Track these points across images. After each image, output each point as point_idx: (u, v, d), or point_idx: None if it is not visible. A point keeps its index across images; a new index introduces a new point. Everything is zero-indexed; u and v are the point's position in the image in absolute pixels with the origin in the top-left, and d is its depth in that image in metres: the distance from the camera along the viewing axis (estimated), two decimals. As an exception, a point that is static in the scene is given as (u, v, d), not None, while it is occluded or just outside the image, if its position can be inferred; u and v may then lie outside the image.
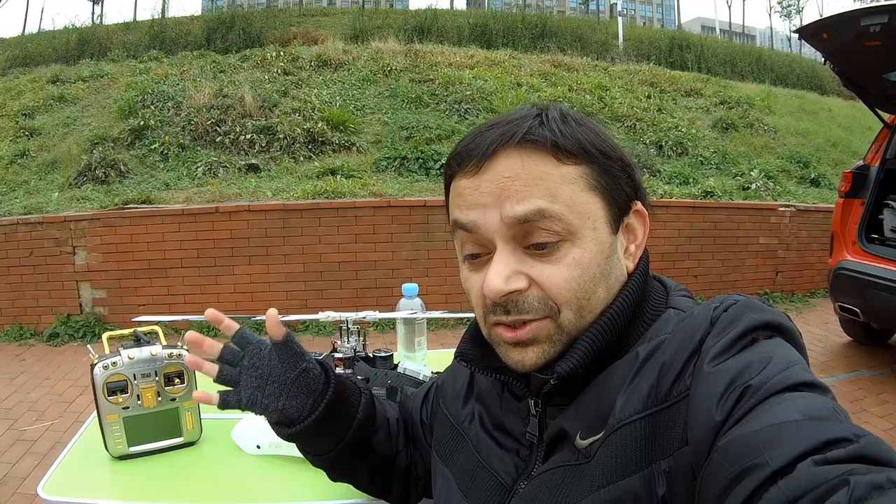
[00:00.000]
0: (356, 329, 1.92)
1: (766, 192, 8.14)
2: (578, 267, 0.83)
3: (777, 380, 0.68)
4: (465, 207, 0.86)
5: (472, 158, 0.85)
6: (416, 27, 14.22)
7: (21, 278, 6.24)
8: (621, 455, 0.75)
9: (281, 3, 25.74)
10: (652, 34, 17.59)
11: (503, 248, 0.84)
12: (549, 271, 0.83)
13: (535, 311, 0.83)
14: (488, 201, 0.83)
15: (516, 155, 0.83)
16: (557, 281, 0.82)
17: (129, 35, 13.93)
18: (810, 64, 17.08)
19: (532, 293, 0.83)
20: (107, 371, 1.62)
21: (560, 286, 0.82)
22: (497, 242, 0.84)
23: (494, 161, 0.83)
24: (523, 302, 0.83)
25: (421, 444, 1.24)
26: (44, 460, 3.88)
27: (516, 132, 0.83)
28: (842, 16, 4.62)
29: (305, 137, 8.29)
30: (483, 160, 0.84)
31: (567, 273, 0.82)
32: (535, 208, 0.81)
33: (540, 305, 0.83)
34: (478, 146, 0.85)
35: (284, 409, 1.06)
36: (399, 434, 1.24)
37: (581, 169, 0.85)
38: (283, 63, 10.75)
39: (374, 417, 1.18)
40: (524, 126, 0.84)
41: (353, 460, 1.17)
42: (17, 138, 8.72)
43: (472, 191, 0.85)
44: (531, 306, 0.83)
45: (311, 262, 6.32)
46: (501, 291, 0.82)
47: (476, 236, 0.86)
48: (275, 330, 1.03)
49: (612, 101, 10.55)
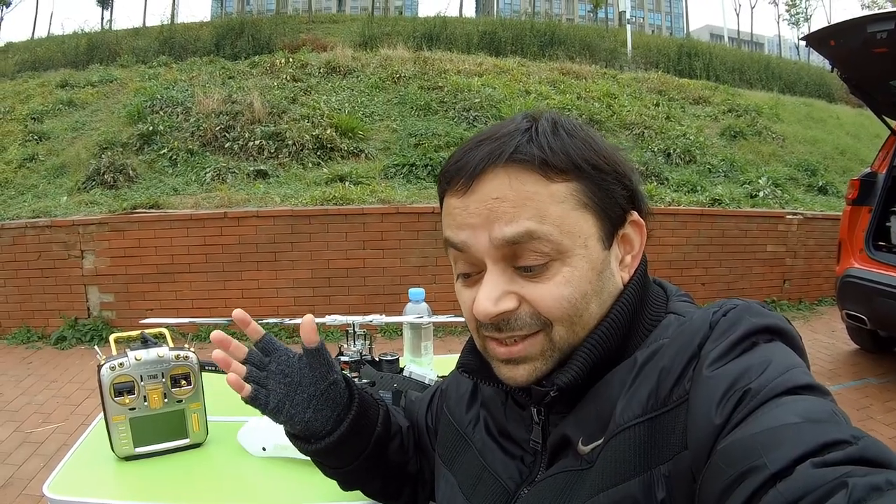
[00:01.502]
0: (363, 333, 1.93)
1: (774, 200, 8.11)
2: (569, 285, 0.82)
3: (776, 383, 0.68)
4: (456, 227, 0.86)
5: (460, 177, 0.84)
6: (425, 34, 14.26)
7: (29, 282, 6.27)
8: (621, 459, 0.75)
9: (290, 10, 25.84)
10: (660, 42, 17.61)
11: (493, 269, 0.83)
12: (539, 291, 0.82)
13: (528, 326, 0.84)
14: (477, 222, 0.83)
15: (504, 175, 0.81)
16: (548, 300, 0.82)
17: (138, 40, 14.02)
18: (818, 72, 17.05)
19: (523, 310, 0.83)
20: (114, 372, 1.63)
21: (550, 305, 0.82)
22: (487, 263, 0.84)
23: (483, 181, 0.82)
24: (515, 320, 0.84)
25: (426, 449, 1.24)
26: (50, 462, 3.88)
27: (503, 151, 0.82)
28: (849, 23, 4.61)
29: (314, 144, 8.31)
30: (471, 180, 0.83)
31: (557, 291, 0.82)
32: (524, 230, 0.80)
33: (532, 321, 0.83)
34: (466, 164, 0.84)
35: (310, 422, 1.05)
36: (410, 441, 1.24)
37: (572, 186, 0.83)
38: (293, 69, 10.79)
39: (391, 429, 1.19)
40: (512, 144, 0.82)
41: (370, 471, 1.17)
42: (26, 142, 8.76)
43: (462, 211, 0.84)
44: (523, 322, 0.83)
45: (319, 268, 6.32)
46: (490, 314, 0.82)
47: (467, 255, 0.86)
48: (311, 336, 1.04)
49: (621, 109, 10.55)
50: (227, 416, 1.90)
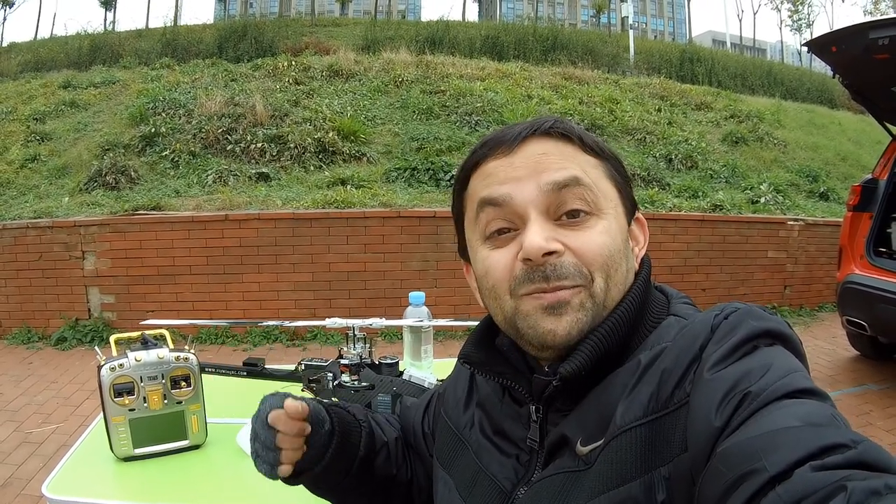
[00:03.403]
0: (362, 336, 1.93)
1: (776, 205, 8.12)
2: (608, 235, 0.86)
3: (776, 387, 0.68)
4: (497, 183, 0.89)
5: (503, 143, 0.90)
6: (428, 38, 14.30)
7: (30, 282, 6.28)
8: (621, 461, 0.75)
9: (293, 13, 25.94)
10: (663, 47, 17.65)
11: (537, 217, 0.86)
12: (582, 238, 0.85)
13: (572, 277, 0.84)
14: (523, 174, 0.87)
15: (547, 139, 0.89)
16: (591, 246, 0.85)
17: (141, 42, 14.06)
18: (820, 78, 17.09)
19: (567, 259, 0.84)
20: (114, 373, 1.63)
21: (593, 250, 0.84)
22: (531, 213, 0.86)
23: (526, 144, 0.89)
24: (561, 266, 0.84)
25: (423, 454, 1.23)
26: (49, 462, 3.88)
27: (544, 124, 0.89)
28: (851, 29, 4.62)
29: (316, 147, 8.33)
30: (515, 143, 0.89)
31: (599, 238, 0.85)
32: (573, 175, 0.86)
33: (576, 272, 0.84)
34: (507, 135, 0.90)
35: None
36: (398, 452, 1.23)
37: (599, 161, 0.91)
38: (295, 72, 10.83)
39: (375, 446, 1.17)
40: (549, 121, 0.90)
41: (357, 489, 1.16)
42: (29, 143, 8.79)
43: (506, 167, 0.89)
44: (568, 272, 0.84)
45: (319, 272, 6.33)
46: (543, 249, 0.83)
47: (506, 210, 0.88)
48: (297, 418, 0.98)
49: (623, 114, 10.58)
50: (227, 417, 1.90)
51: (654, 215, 6.95)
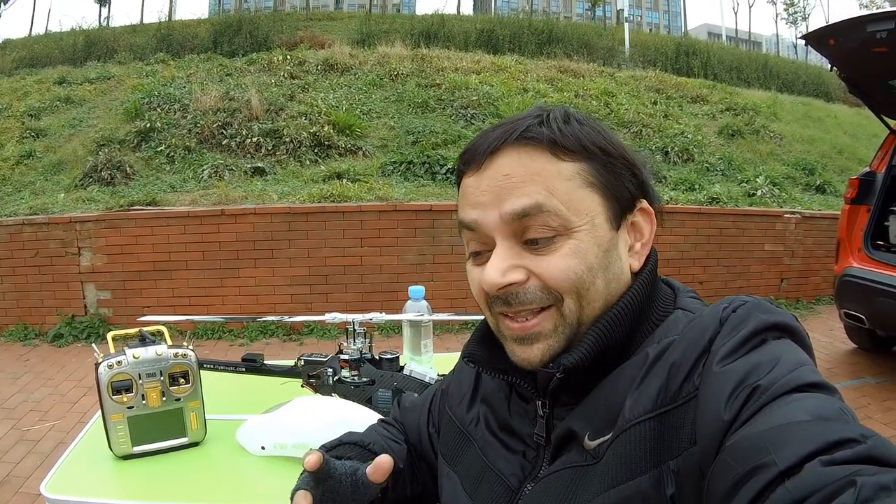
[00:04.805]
0: (362, 331, 1.93)
1: (772, 198, 8.12)
2: (574, 256, 0.83)
3: (785, 381, 0.68)
4: (469, 206, 0.89)
5: (475, 157, 0.88)
6: (423, 32, 14.25)
7: (26, 279, 6.26)
8: (630, 455, 0.75)
9: (288, 7, 25.80)
10: (658, 40, 17.62)
11: (502, 244, 0.85)
12: (545, 262, 0.84)
13: (538, 300, 0.84)
14: (487, 200, 0.86)
15: (514, 153, 0.85)
16: (554, 271, 0.83)
17: (135, 37, 13.98)
18: (816, 71, 17.09)
19: (532, 284, 0.85)
20: (111, 370, 1.63)
21: (557, 276, 0.83)
22: (496, 239, 0.86)
23: (495, 159, 0.86)
24: (524, 293, 0.85)
25: (429, 456, 1.22)
26: (46, 460, 3.88)
27: (515, 130, 0.86)
28: (848, 22, 4.62)
29: (311, 141, 8.31)
30: (484, 158, 0.87)
31: (563, 263, 0.83)
32: (532, 203, 0.83)
33: (542, 295, 0.84)
34: (481, 145, 0.88)
35: None
36: (409, 473, 1.19)
37: (579, 165, 0.86)
38: (290, 67, 10.78)
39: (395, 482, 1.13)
40: (523, 125, 0.86)
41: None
42: (24, 139, 8.74)
43: (474, 189, 0.88)
44: (533, 296, 0.84)
45: (316, 266, 6.32)
46: (497, 284, 0.84)
47: (478, 234, 0.88)
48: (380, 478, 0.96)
49: (618, 108, 10.57)
50: (226, 414, 1.89)
51: (663, 208, 6.93)
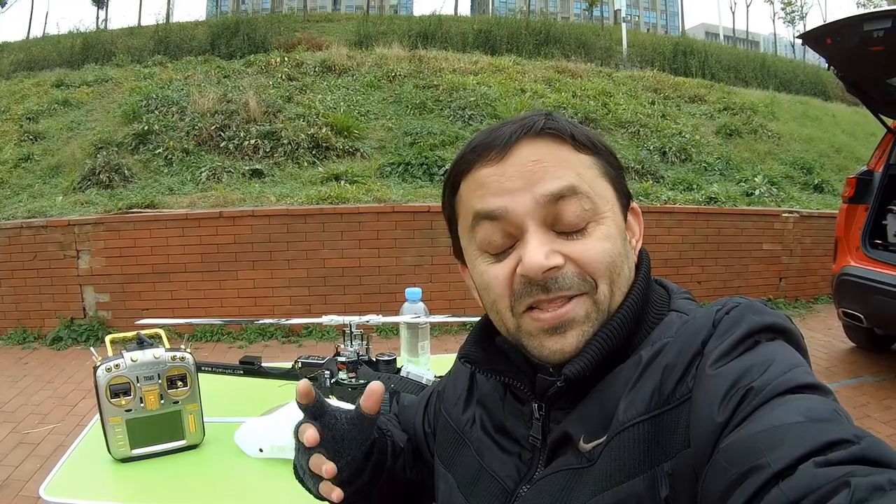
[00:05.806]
0: (360, 333, 1.93)
1: (770, 198, 8.12)
2: (608, 240, 0.84)
3: (779, 382, 0.68)
4: (491, 195, 0.85)
5: (493, 148, 0.86)
6: (421, 33, 14.26)
7: (25, 282, 6.26)
8: (625, 458, 0.75)
9: (285, 9, 25.83)
10: (656, 40, 17.64)
11: (536, 230, 0.83)
12: (582, 246, 0.83)
13: (576, 286, 0.83)
14: (517, 185, 0.84)
15: (539, 142, 0.85)
16: (592, 254, 0.83)
17: (133, 40, 13.99)
18: (814, 70, 17.11)
19: (569, 269, 0.83)
20: (110, 373, 1.63)
21: (595, 259, 0.83)
22: (529, 225, 0.83)
23: (517, 149, 0.85)
24: (562, 279, 0.83)
25: (425, 454, 1.22)
26: (46, 463, 3.87)
27: (535, 124, 0.85)
28: (846, 21, 4.62)
29: (309, 143, 8.31)
30: (506, 148, 0.85)
31: (600, 246, 0.83)
32: (567, 184, 0.83)
33: (579, 281, 0.83)
34: (497, 138, 0.86)
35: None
36: (410, 456, 1.21)
37: (593, 159, 0.88)
38: (288, 68, 10.79)
39: (396, 454, 1.13)
40: (537, 120, 0.86)
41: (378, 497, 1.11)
42: (22, 142, 8.73)
43: (498, 177, 0.85)
44: (571, 282, 0.83)
45: (314, 268, 6.32)
46: (543, 266, 0.81)
47: (503, 223, 0.85)
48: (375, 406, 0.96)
49: (616, 108, 10.56)
50: (224, 416, 1.89)
51: (648, 208, 6.95)
